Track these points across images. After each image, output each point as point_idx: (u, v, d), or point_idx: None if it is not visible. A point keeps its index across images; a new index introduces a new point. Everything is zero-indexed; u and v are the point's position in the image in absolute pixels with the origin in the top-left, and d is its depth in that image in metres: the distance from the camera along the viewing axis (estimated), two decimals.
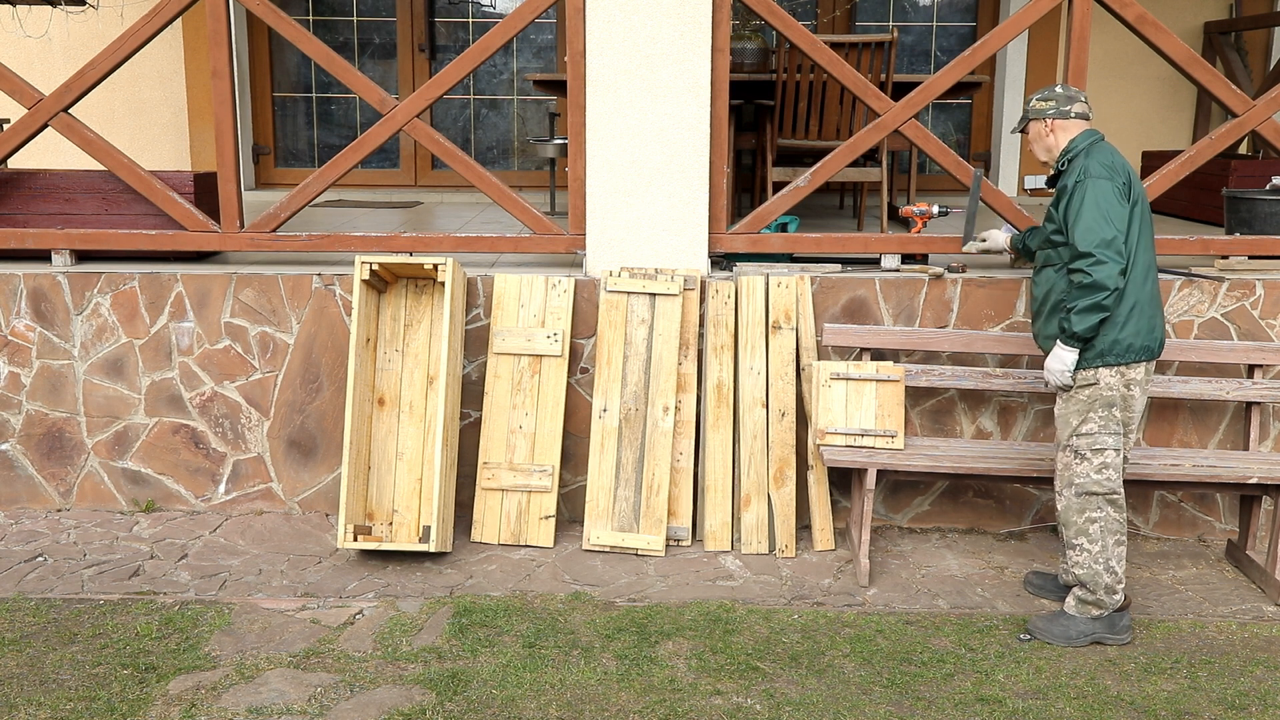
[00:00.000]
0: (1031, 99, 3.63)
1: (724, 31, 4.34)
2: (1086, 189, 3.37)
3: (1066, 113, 3.55)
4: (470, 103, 7.96)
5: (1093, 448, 3.50)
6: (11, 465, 4.58)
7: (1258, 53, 7.61)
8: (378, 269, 4.25)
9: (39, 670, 3.27)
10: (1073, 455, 3.54)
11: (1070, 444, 3.54)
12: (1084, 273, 3.33)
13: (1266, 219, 4.68)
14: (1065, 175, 3.51)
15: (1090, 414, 3.48)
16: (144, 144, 7.49)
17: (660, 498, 4.23)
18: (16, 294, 4.51)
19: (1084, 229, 3.34)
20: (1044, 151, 3.63)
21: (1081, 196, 3.37)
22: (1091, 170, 3.39)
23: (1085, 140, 3.53)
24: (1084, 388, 3.48)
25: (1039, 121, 3.59)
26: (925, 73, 7.64)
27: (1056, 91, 3.59)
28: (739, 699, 3.16)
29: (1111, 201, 3.35)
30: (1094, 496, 3.51)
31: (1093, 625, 3.55)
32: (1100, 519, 3.52)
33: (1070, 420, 3.52)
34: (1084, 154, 3.48)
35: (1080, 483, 3.52)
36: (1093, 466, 3.50)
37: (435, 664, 3.33)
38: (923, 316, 4.44)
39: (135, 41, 4.46)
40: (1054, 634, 3.55)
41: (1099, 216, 3.34)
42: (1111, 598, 3.53)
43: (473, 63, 4.47)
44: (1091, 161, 3.42)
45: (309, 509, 4.58)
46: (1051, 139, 3.58)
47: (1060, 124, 3.56)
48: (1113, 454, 3.51)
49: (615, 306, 4.34)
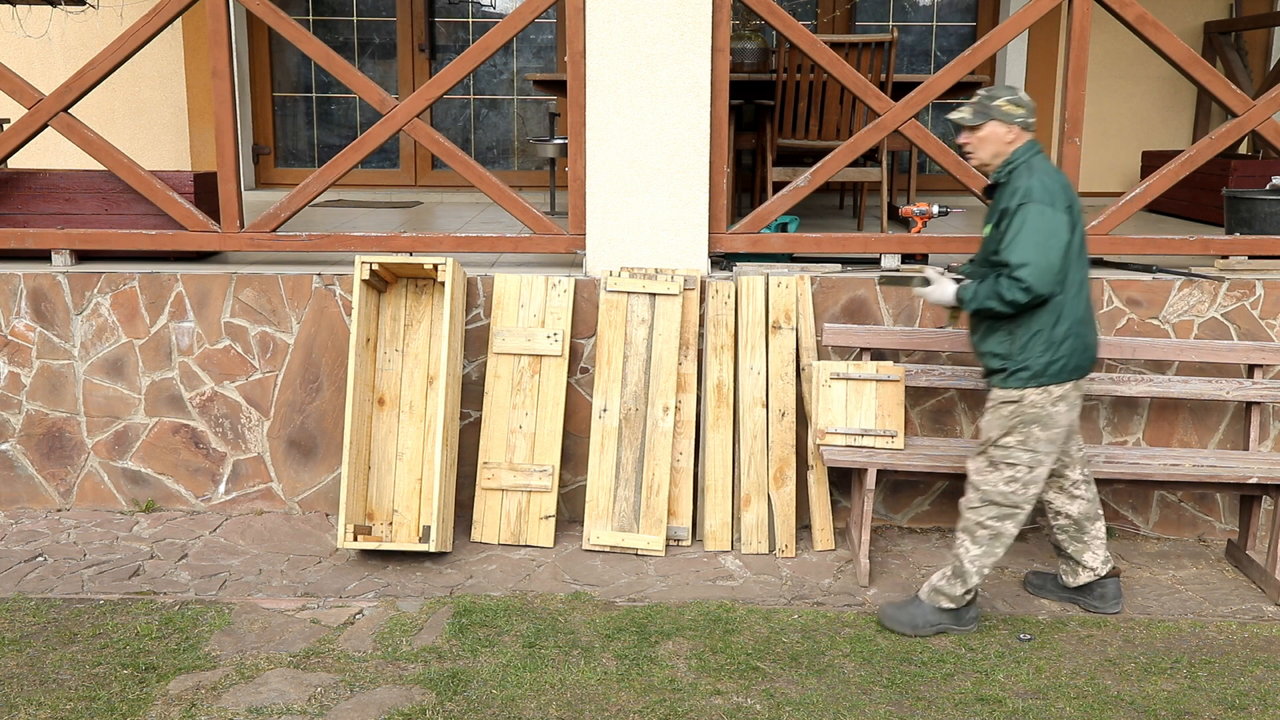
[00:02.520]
0: (998, 98, 3.43)
1: (724, 31, 4.34)
2: (1028, 213, 3.29)
3: (1030, 125, 3.45)
4: (470, 103, 7.97)
5: (1006, 461, 3.49)
6: (11, 465, 4.58)
7: (1258, 53, 7.61)
8: (378, 269, 4.25)
9: (39, 670, 3.27)
10: (986, 462, 3.52)
11: (987, 452, 3.52)
12: (1009, 289, 3.30)
13: (1266, 219, 4.68)
14: (1005, 189, 3.40)
15: (1012, 429, 3.46)
16: (144, 144, 7.49)
17: (660, 498, 4.23)
18: (16, 294, 4.51)
19: (1022, 254, 3.27)
20: (990, 155, 3.46)
21: (1022, 220, 3.29)
22: (1035, 194, 3.31)
23: (1027, 153, 3.43)
24: (1008, 404, 3.45)
25: (1003, 125, 3.42)
26: (925, 73, 7.64)
27: (1024, 98, 3.44)
28: (739, 699, 3.16)
29: (1052, 229, 3.30)
30: (994, 506, 3.51)
31: (940, 615, 3.58)
32: (991, 530, 3.52)
33: (992, 430, 3.51)
34: (1027, 169, 3.38)
35: (986, 490, 3.51)
36: (1002, 478, 3.50)
37: (435, 664, 3.33)
38: (923, 316, 4.44)
39: (135, 41, 4.46)
40: (902, 621, 3.58)
41: (1037, 245, 3.28)
42: (965, 596, 3.56)
43: (473, 63, 4.47)
44: (1035, 183, 3.33)
45: (309, 509, 4.58)
46: (1007, 147, 3.43)
47: (1022, 135, 3.43)
48: (1024, 470, 3.48)
49: (615, 306, 4.34)
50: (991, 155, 3.48)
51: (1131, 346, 4.27)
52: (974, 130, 3.47)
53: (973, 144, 3.49)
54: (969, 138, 3.49)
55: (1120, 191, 6.36)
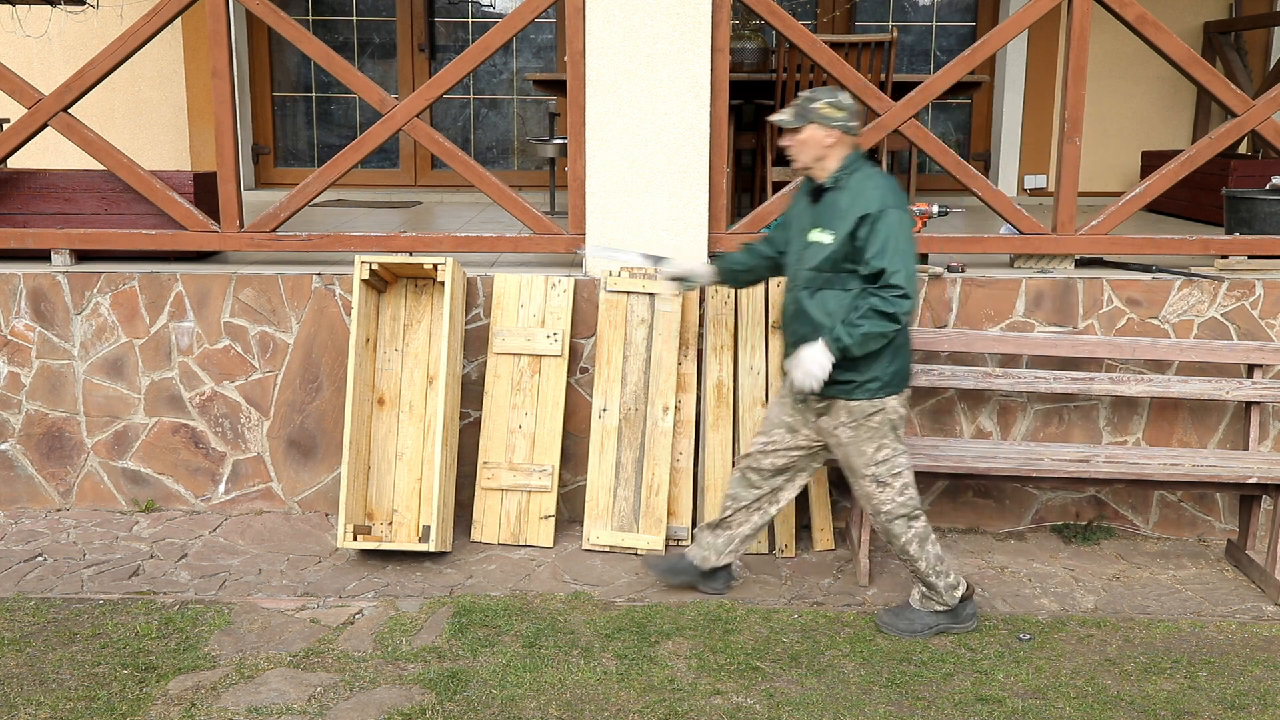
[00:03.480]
0: (817, 99, 3.37)
1: (724, 31, 4.34)
2: (891, 220, 3.26)
3: (853, 129, 3.39)
4: (470, 103, 7.96)
5: (892, 473, 3.49)
6: (11, 465, 4.58)
7: (1258, 53, 7.61)
8: (377, 269, 4.25)
9: (39, 670, 3.26)
10: (874, 484, 3.50)
11: (869, 473, 3.49)
12: (888, 301, 3.24)
13: (1266, 219, 4.68)
14: (842, 195, 3.34)
15: (883, 441, 3.46)
16: (144, 144, 7.49)
17: (660, 497, 4.23)
18: (16, 294, 4.51)
19: (895, 261, 3.24)
20: (811, 159, 3.40)
21: (888, 227, 3.25)
22: (890, 199, 3.29)
23: (858, 159, 3.40)
24: (874, 414, 3.43)
25: (822, 128, 3.36)
26: (925, 73, 7.63)
27: (846, 102, 3.38)
28: (739, 699, 3.16)
29: (910, 235, 3.31)
30: (904, 519, 3.52)
31: (937, 618, 3.57)
32: (914, 534, 3.53)
33: (864, 449, 3.47)
34: (865, 175, 3.35)
35: (888, 510, 3.51)
36: (895, 490, 3.50)
37: (435, 664, 3.33)
38: (922, 316, 4.44)
39: (135, 41, 4.46)
40: (899, 628, 3.57)
41: (905, 252, 3.26)
42: (953, 594, 3.56)
43: (473, 62, 4.47)
44: (885, 187, 3.32)
45: (309, 509, 4.58)
46: (830, 150, 3.37)
47: (843, 138, 3.37)
48: (907, 473, 3.51)
49: (615, 306, 4.34)
50: (812, 159, 3.42)
51: (1131, 346, 4.27)
52: (794, 133, 3.43)
53: (794, 147, 3.44)
54: (790, 140, 3.45)
55: (1120, 191, 6.36)
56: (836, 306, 3.36)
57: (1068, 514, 4.55)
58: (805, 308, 3.42)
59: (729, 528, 3.78)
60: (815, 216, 3.42)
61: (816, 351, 3.34)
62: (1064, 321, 4.44)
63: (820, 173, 3.43)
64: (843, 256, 3.33)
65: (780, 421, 3.64)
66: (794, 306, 3.47)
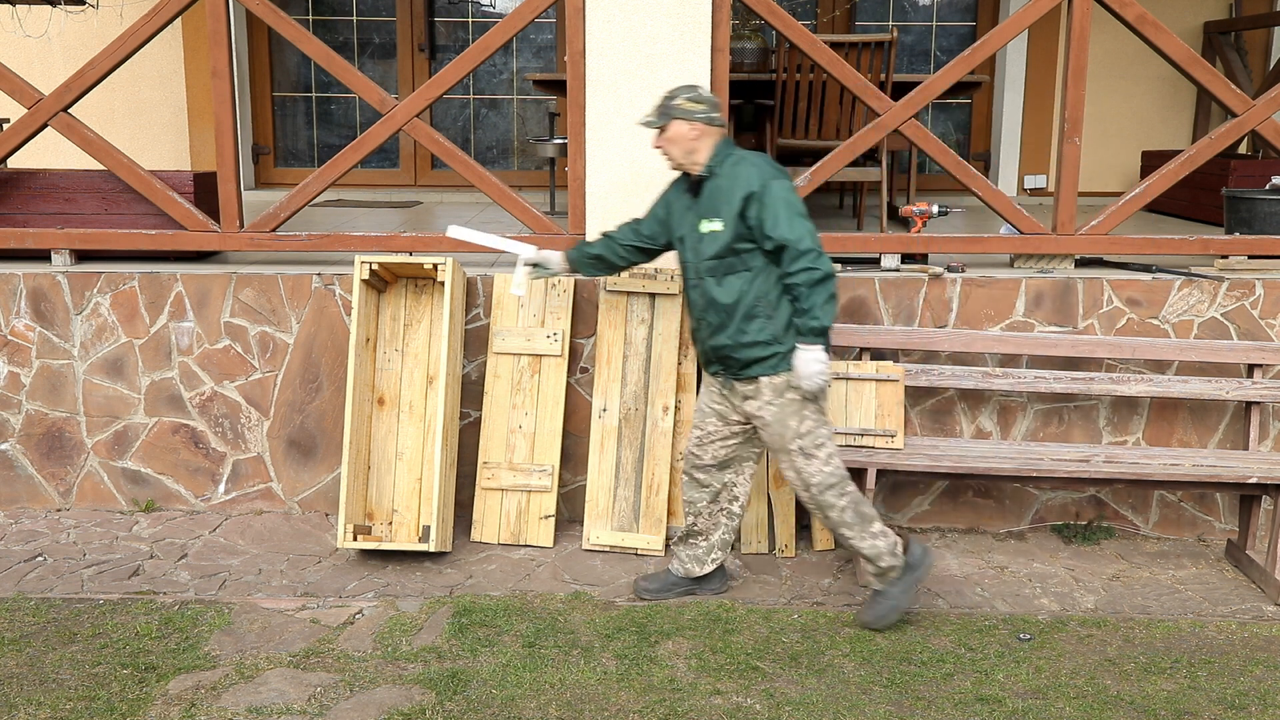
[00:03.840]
0: (676, 96, 3.47)
1: (724, 31, 4.34)
2: (775, 191, 3.35)
3: (714, 120, 3.48)
4: (470, 102, 7.97)
5: (815, 444, 3.51)
6: (11, 465, 4.58)
7: (1258, 53, 7.61)
8: (377, 269, 4.25)
9: (39, 670, 3.26)
10: (801, 457, 3.52)
11: (794, 447, 3.51)
12: (812, 269, 3.32)
13: (1266, 219, 4.68)
14: (721, 182, 3.44)
15: (804, 413, 3.49)
16: (144, 144, 7.49)
17: (660, 497, 4.23)
18: (16, 294, 4.51)
19: (795, 228, 3.33)
20: (682, 154, 3.50)
21: (775, 198, 3.34)
22: (766, 172, 3.39)
23: (728, 146, 3.50)
24: (792, 389, 3.46)
25: (685, 123, 3.46)
26: (925, 73, 7.63)
27: (705, 94, 3.48)
28: (739, 699, 3.16)
29: (797, 197, 3.40)
30: (834, 488, 3.53)
31: (901, 582, 3.58)
32: (848, 504, 3.54)
33: (789, 423, 3.49)
34: (738, 158, 3.45)
35: (818, 481, 3.52)
36: (821, 460, 3.52)
37: (435, 664, 3.33)
38: (922, 316, 4.44)
39: (135, 41, 4.46)
40: (878, 614, 3.58)
41: (798, 213, 3.36)
42: (897, 550, 3.57)
43: (473, 62, 4.47)
44: (760, 163, 3.43)
45: (309, 509, 4.58)
46: (697, 143, 3.47)
47: (707, 129, 3.46)
48: (829, 443, 3.54)
49: (615, 306, 4.34)
50: (682, 154, 3.51)
51: (1131, 346, 4.27)
52: (661, 132, 3.53)
53: (664, 145, 3.54)
54: (659, 140, 3.55)
55: (1120, 191, 6.36)
56: (743, 285, 3.44)
57: (1068, 514, 4.55)
58: (715, 296, 3.48)
59: (704, 536, 3.81)
60: (700, 208, 3.50)
61: (802, 354, 3.39)
62: (1064, 321, 4.44)
63: (694, 166, 3.52)
64: (738, 238, 3.42)
65: (710, 410, 3.69)
66: (703, 299, 3.53)
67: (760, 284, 3.43)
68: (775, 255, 3.38)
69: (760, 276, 3.43)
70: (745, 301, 3.43)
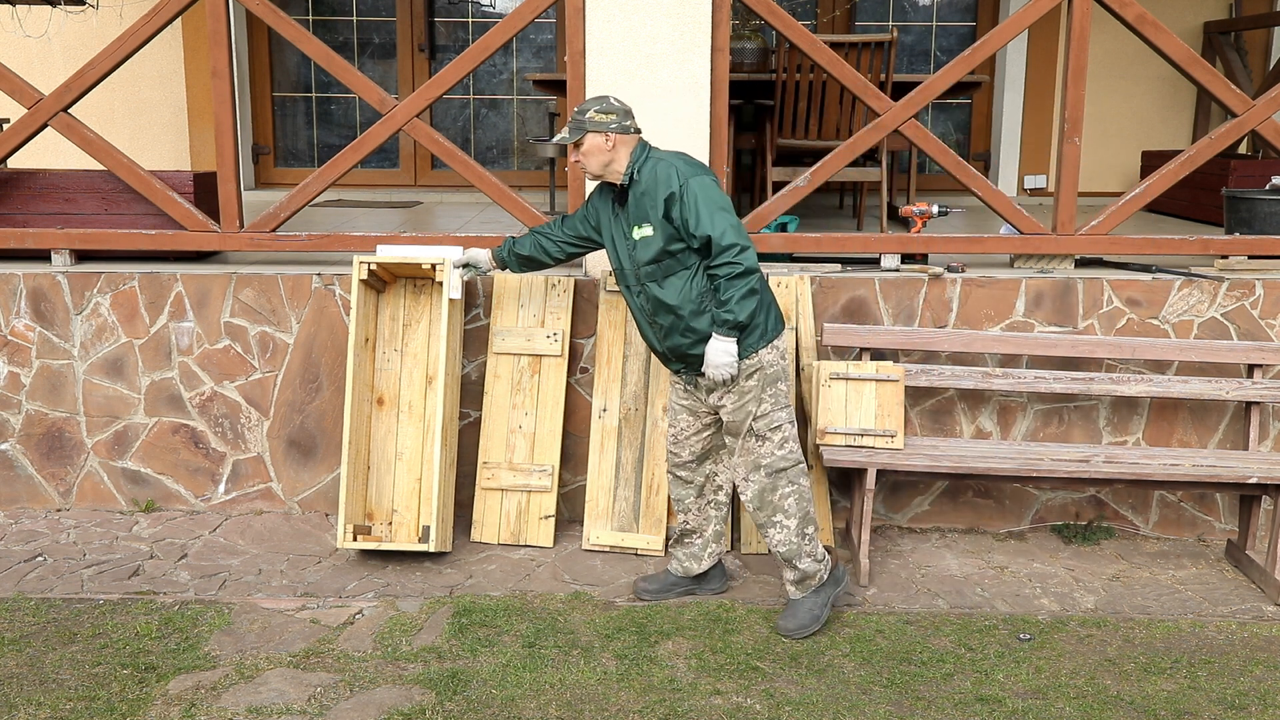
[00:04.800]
0: (587, 109, 3.49)
1: (724, 31, 4.34)
2: (694, 188, 3.37)
3: (628, 128, 3.49)
4: (470, 103, 7.97)
5: (770, 427, 3.53)
6: (11, 465, 4.58)
7: (1258, 53, 7.61)
8: (376, 269, 4.25)
9: (39, 670, 3.27)
10: (754, 440, 3.54)
11: (751, 429, 3.54)
12: (734, 264, 3.35)
13: (1266, 219, 4.68)
14: (642, 187, 3.45)
15: (763, 395, 3.51)
16: (144, 144, 7.49)
17: (660, 497, 4.23)
18: (16, 294, 4.51)
19: (716, 224, 3.35)
20: (600, 166, 3.51)
21: (694, 196, 3.36)
22: (684, 171, 3.41)
23: (643, 150, 3.51)
24: (752, 375, 3.49)
25: (599, 135, 3.47)
26: (925, 73, 7.64)
27: (614, 104, 3.50)
28: (739, 699, 3.16)
29: (719, 191, 3.43)
30: (783, 472, 3.55)
31: (821, 594, 3.60)
32: (793, 491, 3.56)
33: (748, 408, 3.52)
34: (655, 159, 3.47)
35: (768, 463, 3.54)
36: (774, 444, 3.54)
37: (435, 664, 3.33)
38: (922, 316, 4.44)
39: (135, 41, 4.46)
40: (801, 622, 3.56)
41: (720, 208, 3.38)
42: (819, 564, 3.59)
43: (473, 62, 4.47)
44: (678, 162, 3.45)
45: (309, 509, 4.58)
46: (612, 154, 3.49)
47: (622, 138, 3.48)
48: (789, 427, 3.56)
49: (615, 306, 4.34)
50: (601, 165, 3.53)
51: (1131, 346, 4.27)
52: (577, 146, 3.55)
53: (581, 159, 3.55)
54: (576, 155, 3.57)
55: (1120, 191, 6.36)
56: (684, 284, 3.46)
57: (1068, 514, 4.55)
58: (660, 298, 3.49)
59: (697, 533, 3.83)
60: (629, 216, 3.53)
61: (714, 343, 3.44)
62: (1064, 321, 4.44)
63: (614, 175, 3.54)
64: (669, 240, 3.44)
65: (680, 407, 3.72)
66: (650, 304, 3.54)
67: (700, 279, 3.46)
68: (705, 250, 3.41)
69: (699, 273, 3.46)
70: (690, 299, 3.45)
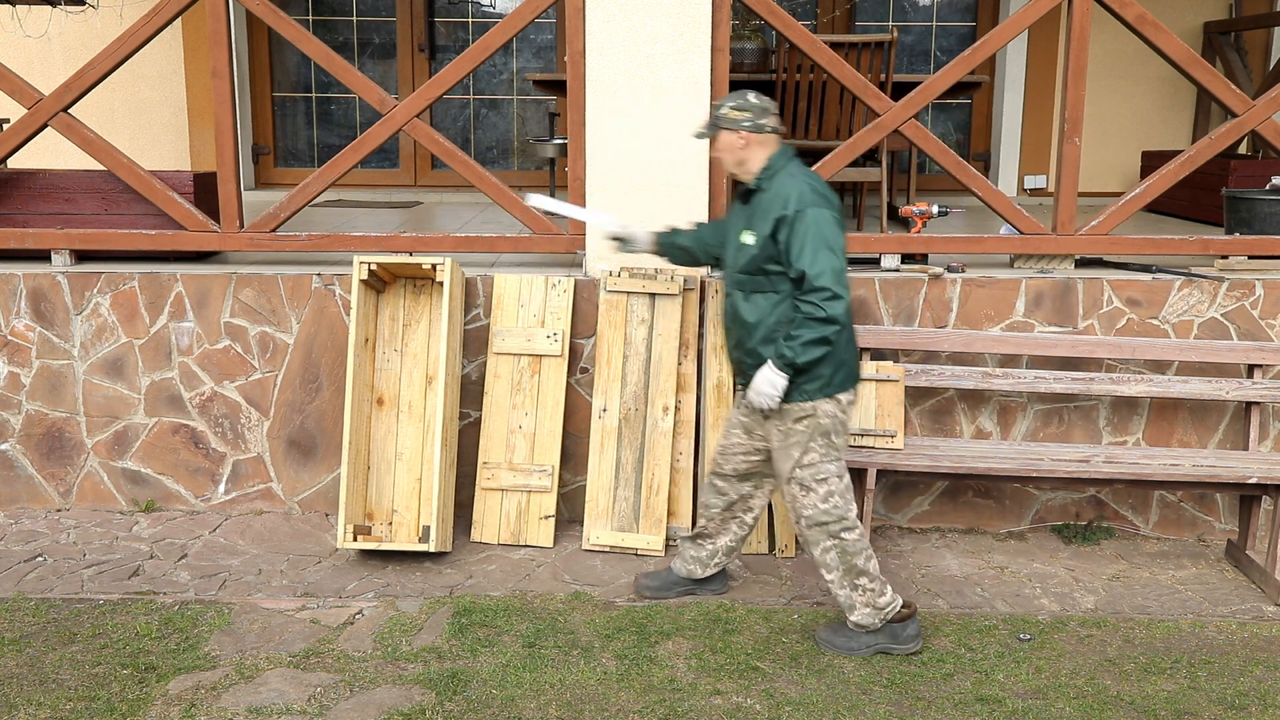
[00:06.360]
0: (722, 105, 3.39)
1: (724, 31, 4.34)
2: (808, 219, 3.21)
3: (762, 126, 3.36)
4: (470, 103, 7.96)
5: (816, 478, 3.38)
6: (11, 465, 4.58)
7: (1258, 53, 7.61)
8: (376, 269, 4.25)
9: (39, 670, 3.26)
10: (798, 488, 3.41)
11: (794, 476, 3.40)
12: (818, 306, 3.19)
13: (1266, 219, 4.68)
14: (765, 196, 3.33)
15: (811, 444, 3.36)
16: (144, 144, 7.49)
17: (660, 497, 4.23)
18: (16, 294, 4.51)
19: (818, 262, 3.19)
20: (735, 165, 3.41)
21: (806, 227, 3.21)
22: (808, 198, 3.24)
23: (784, 159, 3.37)
24: (802, 419, 3.35)
25: (731, 132, 3.36)
26: (925, 73, 7.64)
27: (751, 101, 3.37)
28: (739, 699, 3.16)
29: (835, 231, 3.24)
30: (823, 527, 3.40)
31: (874, 638, 3.44)
32: (834, 546, 3.41)
33: (792, 453, 3.39)
34: (788, 175, 3.32)
35: (809, 515, 3.41)
36: (819, 497, 3.39)
37: (435, 664, 3.33)
38: (922, 316, 4.44)
39: (135, 41, 4.46)
40: (837, 644, 3.46)
41: (827, 247, 3.20)
42: (882, 609, 3.42)
43: (473, 63, 4.47)
44: (804, 186, 3.28)
45: (309, 509, 4.58)
46: (745, 152, 3.37)
47: (755, 138, 3.35)
48: (836, 480, 3.40)
49: (615, 306, 4.34)
50: (734, 163, 3.43)
51: (1131, 346, 4.27)
52: (713, 143, 3.46)
53: (717, 155, 3.46)
54: (713, 150, 3.49)
55: (1120, 191, 6.36)
56: (768, 307, 3.35)
57: (1068, 514, 4.55)
58: (739, 311, 3.41)
59: (710, 539, 3.79)
60: (746, 218, 3.41)
61: (766, 371, 3.31)
62: (1064, 321, 4.44)
63: (745, 175, 3.43)
64: (766, 258, 3.32)
65: (737, 422, 3.63)
66: (730, 311, 3.46)
67: (784, 309, 3.32)
68: (798, 283, 3.26)
69: (786, 302, 3.32)
70: (766, 324, 3.34)
